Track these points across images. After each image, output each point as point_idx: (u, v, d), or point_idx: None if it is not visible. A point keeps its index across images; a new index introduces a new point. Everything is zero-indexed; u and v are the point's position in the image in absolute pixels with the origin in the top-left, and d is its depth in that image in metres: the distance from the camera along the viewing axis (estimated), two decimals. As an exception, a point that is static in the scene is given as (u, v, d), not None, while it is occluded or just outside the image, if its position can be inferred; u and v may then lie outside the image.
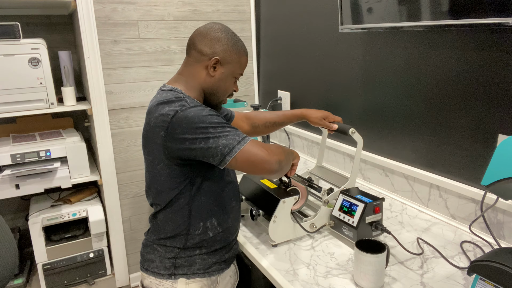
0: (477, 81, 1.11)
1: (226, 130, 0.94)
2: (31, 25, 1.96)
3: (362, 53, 1.51)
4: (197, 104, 0.96)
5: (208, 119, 0.93)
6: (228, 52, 1.04)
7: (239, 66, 1.07)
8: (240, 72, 1.09)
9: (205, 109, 0.95)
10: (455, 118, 1.19)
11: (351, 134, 1.18)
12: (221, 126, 0.94)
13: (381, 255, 0.89)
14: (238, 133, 0.95)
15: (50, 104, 1.75)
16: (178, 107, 0.95)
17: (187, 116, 0.93)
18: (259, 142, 0.95)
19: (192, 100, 0.99)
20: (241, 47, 1.07)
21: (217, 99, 1.09)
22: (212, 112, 0.96)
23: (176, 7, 2.02)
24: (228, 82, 1.07)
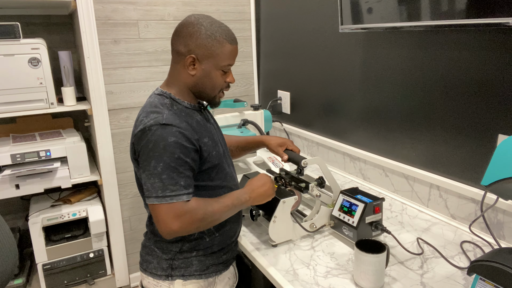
0: (477, 81, 1.11)
1: (165, 174, 0.90)
2: (31, 25, 1.96)
3: (362, 53, 1.51)
4: (171, 123, 0.92)
5: (162, 151, 0.90)
6: (205, 46, 0.96)
7: (223, 56, 0.98)
8: (227, 63, 1.00)
9: (171, 137, 0.91)
10: (455, 118, 1.19)
11: (303, 166, 1.12)
12: (167, 167, 0.90)
13: (381, 255, 0.89)
14: (172, 186, 0.90)
15: (50, 104, 1.75)
16: (151, 121, 0.93)
17: (149, 138, 0.91)
18: (178, 209, 0.90)
19: (174, 112, 0.96)
20: (221, 35, 0.97)
21: (208, 96, 1.04)
22: (180, 143, 0.92)
23: (176, 7, 2.02)
24: (213, 77, 1.00)
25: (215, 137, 1.06)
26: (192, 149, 0.94)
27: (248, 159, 1.71)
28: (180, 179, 0.92)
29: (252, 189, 1.03)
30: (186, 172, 0.93)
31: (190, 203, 0.92)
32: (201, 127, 1.01)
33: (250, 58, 2.31)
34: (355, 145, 1.62)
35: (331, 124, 1.75)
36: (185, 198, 0.92)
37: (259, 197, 1.03)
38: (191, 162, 0.95)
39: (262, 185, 1.04)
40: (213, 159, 1.02)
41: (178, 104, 1.01)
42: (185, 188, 0.92)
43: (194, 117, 1.02)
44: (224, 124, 1.73)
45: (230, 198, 0.99)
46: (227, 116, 1.74)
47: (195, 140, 0.95)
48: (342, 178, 1.63)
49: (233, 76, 1.07)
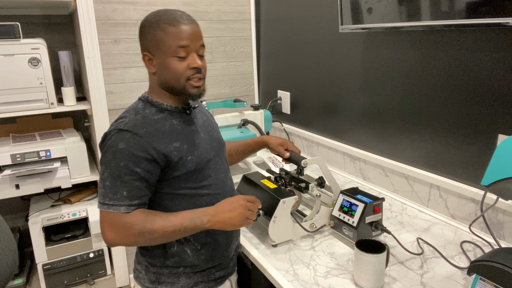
0: (477, 81, 1.11)
1: (108, 181, 0.87)
2: (31, 25, 1.96)
3: (362, 53, 1.51)
4: (128, 129, 0.89)
5: (111, 158, 0.88)
6: (151, 39, 0.92)
7: (169, 41, 0.90)
8: (177, 45, 0.90)
9: (122, 143, 0.88)
10: (455, 118, 1.19)
11: (303, 166, 1.11)
12: (111, 174, 0.87)
13: (381, 255, 0.89)
14: (112, 194, 0.87)
15: (50, 104, 1.75)
16: (113, 126, 0.92)
17: (105, 143, 0.91)
18: (114, 220, 0.87)
19: (142, 117, 0.93)
20: (163, 21, 0.91)
21: (176, 89, 0.95)
22: (130, 150, 0.88)
23: (176, 7, 2.02)
24: (170, 66, 0.92)
25: (197, 141, 1.00)
26: (144, 158, 0.89)
27: (248, 159, 1.71)
28: (122, 188, 0.87)
29: (217, 211, 0.91)
30: (132, 182, 0.88)
31: (129, 215, 0.87)
32: (175, 132, 0.96)
33: (250, 58, 2.31)
34: (355, 145, 1.62)
35: (331, 124, 1.75)
36: (124, 209, 0.87)
37: (223, 223, 0.91)
38: (143, 172, 0.89)
39: (230, 210, 0.92)
40: (188, 165, 0.95)
41: (154, 107, 0.97)
42: (127, 199, 0.87)
43: (169, 121, 0.96)
44: (224, 124, 1.73)
45: (182, 218, 0.89)
46: (227, 116, 1.74)
47: (151, 148, 0.90)
48: (342, 178, 1.63)
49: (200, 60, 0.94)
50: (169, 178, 0.95)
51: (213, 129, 1.10)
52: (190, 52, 0.93)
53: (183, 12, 0.95)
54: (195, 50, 0.94)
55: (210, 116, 1.17)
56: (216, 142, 1.08)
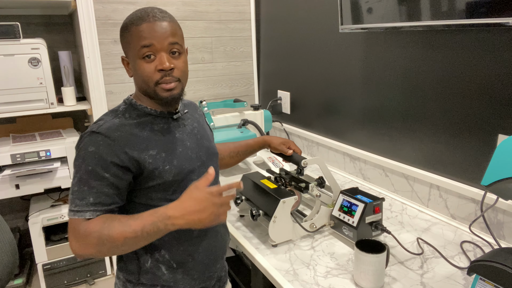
0: (477, 81, 1.11)
1: (77, 186, 0.82)
2: (31, 25, 1.96)
3: (362, 53, 1.51)
4: (101, 131, 0.84)
5: (81, 161, 0.83)
6: (123, 39, 0.88)
7: (133, 42, 0.85)
8: (140, 46, 0.84)
9: (92, 146, 0.82)
10: (455, 118, 1.19)
11: (303, 166, 1.11)
12: (80, 179, 0.82)
13: (381, 255, 0.89)
14: (78, 200, 0.81)
15: (50, 104, 1.75)
16: (89, 128, 0.87)
17: (79, 145, 0.86)
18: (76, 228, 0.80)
19: (119, 120, 0.88)
20: (129, 22, 0.86)
21: (149, 93, 0.89)
22: (99, 154, 0.82)
23: (176, 7, 2.02)
24: (138, 69, 0.86)
25: (178, 149, 0.92)
26: (113, 164, 0.82)
27: (248, 159, 1.71)
28: (89, 194, 0.81)
29: (182, 213, 0.79)
30: (100, 189, 0.82)
31: (87, 223, 0.80)
32: (153, 138, 0.89)
33: (250, 58, 2.31)
34: (355, 145, 1.62)
35: (331, 124, 1.75)
36: (88, 215, 0.80)
37: (191, 225, 0.80)
38: (112, 178, 0.82)
39: (199, 210, 0.79)
40: (165, 175, 0.88)
41: (137, 110, 0.92)
42: (93, 206, 0.81)
43: (149, 126, 0.91)
44: (224, 124, 1.73)
45: (142, 222, 0.79)
46: (227, 116, 1.74)
47: (123, 153, 0.83)
48: (342, 178, 1.63)
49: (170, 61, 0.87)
50: (143, 187, 0.88)
51: (203, 137, 1.02)
52: (157, 52, 0.85)
53: (156, 8, 0.88)
54: (163, 50, 0.85)
55: (204, 122, 1.09)
56: (205, 151, 1.00)
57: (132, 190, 0.89)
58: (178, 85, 0.89)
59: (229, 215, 1.31)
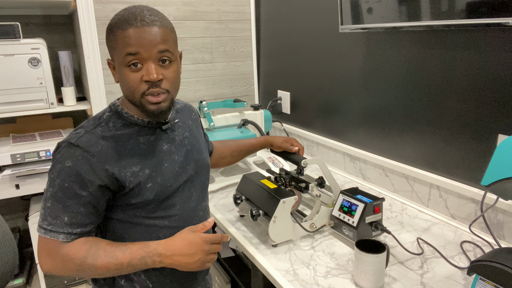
0: (477, 81, 1.11)
1: (50, 202, 0.76)
2: (31, 25, 1.96)
3: (362, 53, 1.51)
4: (79, 144, 0.77)
5: (56, 175, 0.76)
6: (107, 42, 0.80)
7: (119, 48, 0.77)
8: (125, 53, 0.76)
9: (69, 161, 0.76)
10: (455, 118, 1.19)
11: (303, 166, 1.10)
12: (54, 195, 0.76)
13: (381, 255, 0.89)
14: (51, 218, 0.75)
15: (50, 104, 1.75)
16: (68, 137, 0.80)
17: (55, 154, 0.79)
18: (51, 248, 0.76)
19: (102, 130, 0.81)
20: (115, 24, 0.77)
21: (135, 103, 0.82)
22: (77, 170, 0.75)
23: (176, 7, 2.02)
24: (123, 77, 0.79)
25: (164, 165, 0.86)
26: (92, 182, 0.77)
27: (248, 159, 1.71)
28: (63, 213, 0.76)
29: (172, 253, 0.79)
30: (76, 207, 0.76)
31: (68, 246, 0.76)
32: (137, 153, 0.83)
33: (250, 58, 2.31)
34: (355, 145, 1.62)
35: (331, 124, 1.75)
36: (62, 238, 0.76)
37: (177, 266, 0.80)
38: (90, 196, 0.77)
39: (189, 254, 0.80)
40: (146, 193, 0.83)
41: (122, 119, 0.85)
42: (67, 226, 0.76)
43: (135, 138, 0.84)
44: (224, 124, 1.73)
45: (130, 255, 0.77)
46: (227, 116, 1.74)
47: (102, 171, 0.78)
48: (342, 178, 1.63)
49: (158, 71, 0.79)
50: (123, 204, 0.83)
51: (193, 148, 0.95)
52: (144, 60, 0.77)
53: (146, 9, 0.78)
54: (151, 59, 0.77)
55: (198, 128, 1.03)
56: (193, 164, 0.94)
57: (110, 206, 0.83)
58: (167, 97, 0.81)
59: (229, 215, 1.31)
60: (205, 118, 1.67)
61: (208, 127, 1.68)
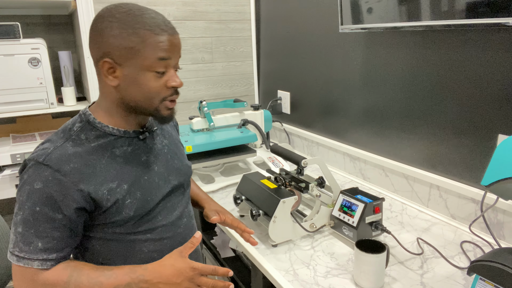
0: (477, 81, 1.11)
1: (21, 227, 0.70)
2: (31, 25, 1.96)
3: (362, 53, 1.51)
4: (49, 163, 0.71)
5: (25, 198, 0.70)
6: (119, 43, 0.72)
7: (147, 52, 0.73)
8: (157, 58, 0.74)
9: (38, 182, 0.70)
10: (455, 118, 1.19)
11: (303, 166, 1.08)
12: (25, 220, 0.70)
13: (381, 255, 0.89)
14: (23, 245, 0.70)
15: (50, 104, 1.75)
16: (35, 153, 0.73)
17: (22, 176, 0.73)
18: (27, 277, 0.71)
19: (72, 145, 0.75)
20: (141, 26, 0.72)
21: (146, 109, 0.79)
22: (48, 193, 0.70)
23: (176, 7, 2.02)
24: (142, 82, 0.75)
25: (143, 178, 0.82)
26: (66, 205, 0.72)
27: (248, 159, 1.71)
28: (37, 239, 0.70)
29: (159, 280, 0.74)
30: (50, 232, 0.71)
31: (47, 273, 0.71)
32: (113, 167, 0.78)
33: (250, 58, 2.31)
34: (355, 145, 1.62)
35: (331, 124, 1.75)
36: (37, 265, 0.70)
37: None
38: (65, 219, 0.72)
39: (175, 283, 0.75)
40: (125, 210, 0.78)
41: (95, 130, 0.79)
42: (42, 252, 0.70)
43: (110, 151, 0.79)
44: (224, 124, 1.74)
45: (116, 282, 0.72)
46: (227, 116, 1.74)
47: (77, 191, 0.72)
48: (342, 178, 1.63)
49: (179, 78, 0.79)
50: (100, 223, 0.78)
51: (174, 156, 0.92)
52: (169, 67, 0.77)
53: (161, 14, 0.77)
54: (174, 66, 0.78)
55: (176, 135, 0.99)
56: (176, 173, 0.90)
57: (87, 225, 0.79)
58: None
59: (229, 215, 1.31)
60: (205, 118, 1.67)
61: (208, 127, 1.68)
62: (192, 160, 1.51)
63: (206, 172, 1.63)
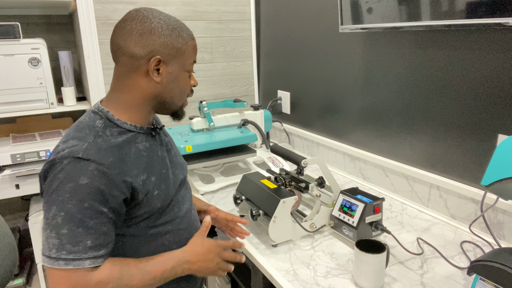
0: (477, 81, 1.11)
1: (66, 227, 0.67)
2: (31, 25, 1.96)
3: (362, 53, 1.51)
4: (90, 158, 0.71)
5: (67, 196, 0.68)
6: (170, 43, 0.79)
7: (188, 54, 0.82)
8: (193, 60, 0.85)
9: (84, 177, 0.69)
10: (455, 118, 1.19)
11: (303, 166, 1.09)
12: (70, 218, 0.68)
13: (381, 255, 0.89)
14: (71, 246, 0.67)
15: (50, 104, 1.75)
16: (66, 150, 0.72)
17: (56, 175, 0.70)
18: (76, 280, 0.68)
19: (103, 141, 0.75)
20: (182, 29, 0.81)
21: (174, 106, 0.86)
22: (96, 186, 0.70)
23: (176, 7, 2.02)
24: (182, 80, 0.83)
25: (163, 171, 0.86)
26: (114, 197, 0.72)
27: (248, 159, 1.71)
28: (86, 237, 0.69)
29: (197, 259, 0.81)
30: (99, 228, 0.70)
31: (97, 272, 0.70)
32: (140, 161, 0.80)
33: (250, 58, 2.31)
34: (355, 145, 1.62)
35: (331, 124, 1.75)
36: (89, 264, 0.69)
37: (199, 272, 0.82)
38: (110, 213, 0.73)
39: (208, 260, 0.83)
40: (154, 202, 0.81)
41: (116, 127, 0.80)
42: (92, 250, 0.69)
43: (134, 145, 0.81)
44: (224, 124, 1.74)
45: (162, 268, 0.76)
46: (227, 116, 1.74)
47: (122, 182, 0.74)
48: (342, 178, 1.63)
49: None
50: (127, 217, 0.79)
51: (176, 152, 0.97)
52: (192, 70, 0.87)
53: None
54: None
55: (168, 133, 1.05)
56: (180, 168, 0.95)
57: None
58: None
59: (229, 215, 1.31)
60: (205, 118, 1.67)
61: (208, 127, 1.68)
62: (192, 160, 1.51)
63: (206, 172, 1.63)
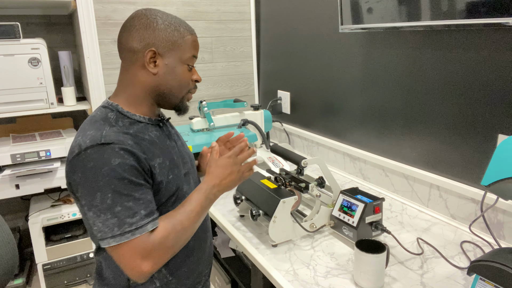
0: (477, 81, 1.11)
1: (118, 205, 0.74)
2: (31, 25, 1.96)
3: (362, 53, 1.51)
4: (111, 141, 0.76)
5: (106, 179, 0.73)
6: (165, 37, 0.83)
7: (186, 47, 0.86)
8: (192, 54, 0.88)
9: (115, 158, 0.75)
10: (455, 118, 1.19)
11: (303, 166, 1.10)
12: (119, 196, 0.74)
13: (381, 255, 0.89)
14: (130, 218, 0.74)
15: (50, 104, 1.75)
16: (88, 141, 0.76)
17: (85, 165, 0.74)
18: (145, 245, 0.75)
19: (118, 128, 0.80)
20: (180, 25, 0.86)
21: (175, 98, 0.89)
22: (128, 163, 0.75)
23: (176, 7, 2.02)
24: (179, 73, 0.87)
25: (175, 157, 0.91)
26: (144, 171, 0.79)
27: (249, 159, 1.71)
28: (139, 207, 0.76)
29: (220, 180, 0.87)
30: (145, 197, 0.77)
31: (156, 232, 0.77)
32: (155, 146, 0.85)
33: (250, 58, 2.31)
34: (355, 145, 1.62)
35: (331, 124, 1.75)
36: (151, 227, 0.76)
37: (226, 188, 0.88)
38: (147, 184, 0.80)
39: (229, 174, 0.88)
40: (170, 186, 0.86)
41: (127, 118, 0.85)
42: (147, 217, 0.76)
43: (147, 134, 0.86)
44: (224, 124, 1.74)
45: (198, 201, 0.83)
46: (227, 116, 1.74)
47: (144, 160, 0.80)
48: (342, 178, 1.63)
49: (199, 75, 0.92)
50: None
51: (183, 143, 1.02)
52: (193, 65, 0.91)
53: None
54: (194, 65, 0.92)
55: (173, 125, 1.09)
56: (187, 157, 0.99)
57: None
58: None
59: (229, 215, 1.31)
60: (205, 118, 1.67)
61: (208, 127, 1.68)
62: (192, 160, 1.51)
63: (206, 172, 1.63)
